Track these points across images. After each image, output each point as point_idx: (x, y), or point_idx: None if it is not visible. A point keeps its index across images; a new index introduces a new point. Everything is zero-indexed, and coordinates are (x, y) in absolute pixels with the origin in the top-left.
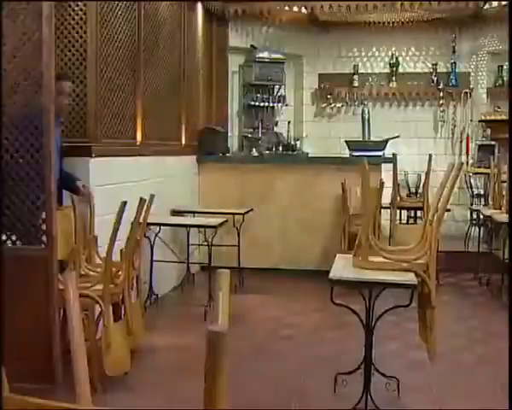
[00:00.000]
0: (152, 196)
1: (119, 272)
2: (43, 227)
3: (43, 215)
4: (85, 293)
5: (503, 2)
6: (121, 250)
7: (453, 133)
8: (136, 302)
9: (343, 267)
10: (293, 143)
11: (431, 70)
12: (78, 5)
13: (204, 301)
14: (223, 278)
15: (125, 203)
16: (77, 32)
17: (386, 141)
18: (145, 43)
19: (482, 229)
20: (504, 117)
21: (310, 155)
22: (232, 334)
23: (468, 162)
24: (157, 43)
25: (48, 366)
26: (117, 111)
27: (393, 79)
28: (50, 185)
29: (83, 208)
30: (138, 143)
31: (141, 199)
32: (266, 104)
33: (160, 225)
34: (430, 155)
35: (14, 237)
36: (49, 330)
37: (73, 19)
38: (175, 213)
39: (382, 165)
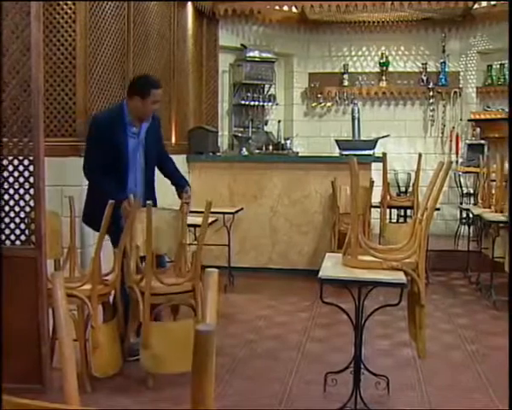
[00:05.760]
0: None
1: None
2: (33, 227)
3: (33, 215)
4: (73, 293)
5: (492, 2)
6: (114, 250)
7: (443, 132)
8: None
9: (333, 266)
10: (283, 142)
11: (421, 69)
12: (67, 4)
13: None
14: (211, 278)
15: (112, 203)
16: (66, 31)
17: (376, 140)
18: (135, 42)
19: (472, 228)
20: (494, 116)
21: (300, 155)
22: (222, 333)
23: (457, 161)
24: (147, 42)
25: (37, 365)
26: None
27: (383, 78)
28: (39, 184)
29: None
30: None
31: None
32: (256, 103)
33: None
34: (420, 154)
35: (3, 237)
36: (38, 330)
37: (62, 17)
38: None
39: (372, 164)
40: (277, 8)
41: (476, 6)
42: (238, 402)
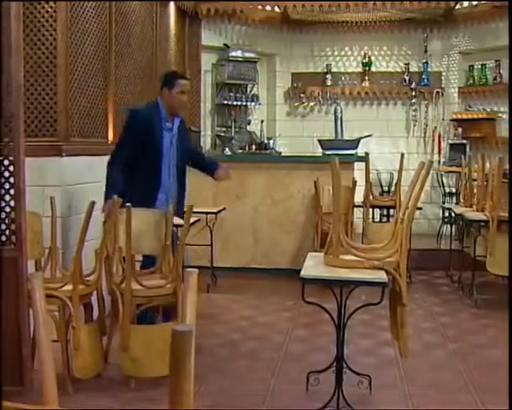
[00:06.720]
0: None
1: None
2: (13, 227)
3: (13, 215)
4: (54, 293)
5: (474, 3)
6: (96, 251)
7: (425, 132)
8: None
9: (315, 266)
10: (266, 141)
11: (403, 69)
12: (48, 3)
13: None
14: (191, 278)
15: (93, 203)
16: (47, 31)
17: (359, 140)
18: (116, 42)
19: (454, 227)
20: (475, 116)
21: (283, 154)
22: (205, 333)
23: (439, 161)
24: (129, 41)
25: (18, 367)
26: (88, 110)
27: (366, 78)
28: (20, 185)
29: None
30: (109, 142)
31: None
32: (239, 103)
33: None
34: (402, 154)
35: None
36: (19, 332)
37: (43, 16)
38: None
39: (355, 163)
40: (260, 7)
41: (458, 6)
42: (221, 402)
